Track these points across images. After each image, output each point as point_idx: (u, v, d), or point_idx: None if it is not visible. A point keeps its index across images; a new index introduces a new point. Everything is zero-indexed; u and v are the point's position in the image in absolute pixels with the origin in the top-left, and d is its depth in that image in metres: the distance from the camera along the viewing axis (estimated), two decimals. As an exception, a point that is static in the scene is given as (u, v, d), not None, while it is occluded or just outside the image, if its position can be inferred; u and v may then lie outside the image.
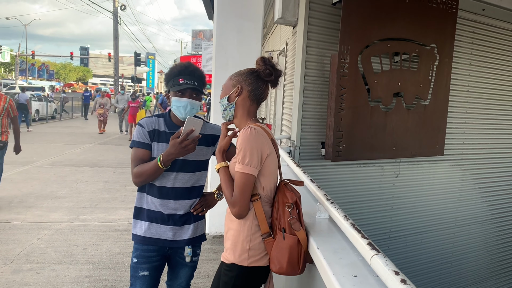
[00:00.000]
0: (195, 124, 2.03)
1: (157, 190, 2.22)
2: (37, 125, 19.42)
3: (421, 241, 5.13)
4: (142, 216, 2.28)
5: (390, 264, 1.24)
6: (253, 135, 1.73)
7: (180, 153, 2.05)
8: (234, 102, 1.90)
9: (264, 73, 1.89)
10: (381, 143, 4.41)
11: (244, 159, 1.72)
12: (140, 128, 2.21)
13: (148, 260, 2.26)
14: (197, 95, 2.20)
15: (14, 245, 4.64)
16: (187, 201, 2.26)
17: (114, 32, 27.94)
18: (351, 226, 1.61)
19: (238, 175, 1.73)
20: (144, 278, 2.25)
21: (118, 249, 4.63)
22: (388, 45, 4.31)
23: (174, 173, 2.20)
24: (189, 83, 2.15)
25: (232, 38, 4.93)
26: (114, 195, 7.03)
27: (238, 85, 1.89)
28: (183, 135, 2.01)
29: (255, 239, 1.79)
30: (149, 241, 2.25)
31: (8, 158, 10.08)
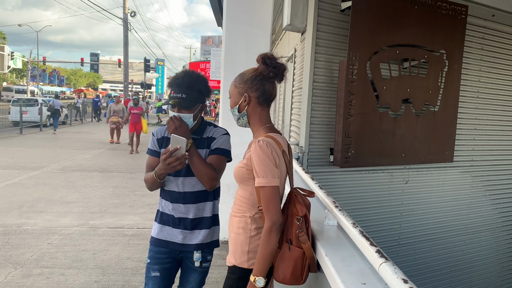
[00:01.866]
0: (179, 142, 2.06)
1: (169, 194, 2.31)
2: (48, 130, 19.62)
3: (430, 248, 5.08)
4: (158, 218, 2.39)
5: (398, 272, 1.23)
6: (263, 149, 1.73)
7: (167, 169, 2.11)
8: (245, 111, 1.89)
9: (268, 76, 1.87)
10: (390, 149, 4.39)
11: (261, 173, 1.71)
12: (152, 137, 2.38)
13: (159, 261, 2.34)
14: (186, 108, 2.19)
15: (25, 249, 4.68)
16: (197, 205, 2.31)
17: (124, 39, 28.18)
18: (360, 234, 1.61)
19: (261, 190, 1.71)
20: (155, 279, 2.33)
21: (127, 254, 4.65)
22: (397, 51, 4.30)
23: (181, 178, 2.27)
24: (176, 96, 2.18)
25: (241, 45, 4.95)
26: (123, 200, 7.06)
27: (246, 94, 1.87)
28: (168, 154, 2.07)
29: (254, 241, 1.81)
30: (160, 243, 2.34)
31: (19, 163, 10.20)
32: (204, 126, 2.35)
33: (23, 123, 18.06)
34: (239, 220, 1.86)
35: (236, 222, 1.87)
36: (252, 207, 1.84)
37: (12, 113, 19.41)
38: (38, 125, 19.63)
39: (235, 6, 4.93)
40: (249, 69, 1.94)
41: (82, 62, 42.75)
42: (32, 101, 21.86)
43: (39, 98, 23.40)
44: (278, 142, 1.82)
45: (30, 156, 11.54)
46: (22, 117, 18.42)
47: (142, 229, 5.57)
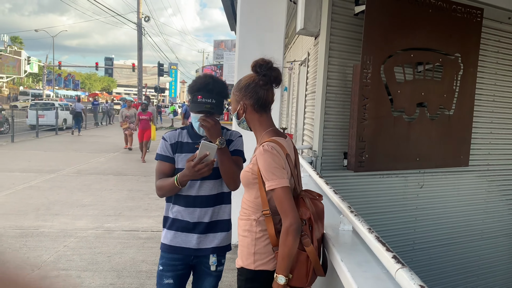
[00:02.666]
0: (209, 149, 2.06)
1: (183, 198, 2.27)
2: (63, 134, 19.89)
3: (446, 253, 5.03)
4: (169, 225, 2.32)
5: (415, 278, 1.23)
6: (267, 152, 1.74)
7: (194, 175, 2.10)
8: (243, 117, 1.93)
9: (259, 84, 1.89)
10: (405, 153, 4.37)
11: (269, 176, 1.72)
12: (163, 142, 2.30)
13: (173, 268, 2.30)
14: (219, 112, 2.21)
15: (42, 251, 4.75)
16: (212, 208, 2.29)
17: (138, 43, 28.49)
18: (376, 239, 1.61)
19: (273, 193, 1.72)
20: (168, 286, 2.29)
21: (142, 257, 4.69)
22: (411, 55, 4.29)
23: (198, 182, 2.25)
24: (206, 101, 2.16)
25: (254, 49, 4.97)
26: (138, 203, 7.13)
27: (241, 102, 1.91)
28: (197, 160, 2.06)
29: (260, 243, 1.83)
30: (175, 250, 2.29)
31: (36, 166, 10.36)
32: (221, 129, 2.34)
33: (39, 127, 18.34)
34: (245, 223, 1.88)
35: (242, 225, 1.90)
36: (257, 210, 1.85)
37: (30, 117, 19.77)
38: (54, 129, 19.92)
39: (249, 10, 4.96)
40: (245, 76, 1.95)
41: (96, 66, 43.25)
42: (49, 105, 22.24)
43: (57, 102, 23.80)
44: (282, 145, 1.82)
45: (46, 159, 11.71)
46: (39, 120, 18.76)
47: (157, 232, 5.61)
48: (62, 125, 21.44)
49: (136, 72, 30.62)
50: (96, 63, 42.63)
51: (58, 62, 47.71)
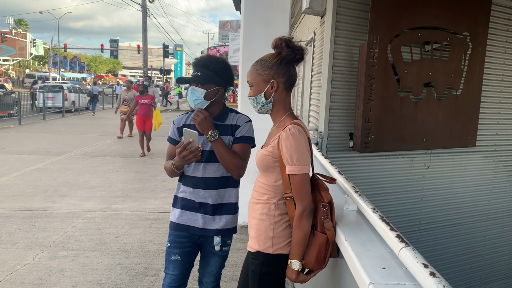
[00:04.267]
0: (191, 136, 2.10)
1: (189, 179, 2.34)
2: (70, 116, 19.98)
3: (451, 234, 5.04)
4: (177, 204, 2.41)
5: (419, 256, 1.23)
6: (296, 136, 1.72)
7: (183, 162, 2.18)
8: (272, 98, 1.86)
9: (294, 59, 1.84)
10: (411, 134, 4.34)
11: (293, 161, 1.72)
12: (172, 125, 2.41)
13: (180, 245, 2.37)
14: (200, 83, 2.23)
15: (50, 232, 4.82)
16: (218, 191, 2.33)
17: (143, 24, 28.27)
18: (380, 219, 1.61)
19: (294, 178, 1.73)
20: (176, 262, 2.37)
21: (149, 237, 4.75)
22: (419, 34, 4.22)
23: (202, 164, 2.29)
24: (192, 74, 2.27)
25: (259, 29, 4.92)
26: (145, 185, 7.19)
27: (273, 80, 1.84)
28: (182, 147, 2.13)
29: (278, 227, 1.82)
30: (181, 228, 2.37)
31: (43, 148, 10.45)
32: (226, 112, 2.34)
33: (47, 109, 18.42)
34: (262, 206, 1.86)
35: (259, 209, 1.87)
36: (276, 193, 1.84)
37: (39, 99, 19.89)
38: (60, 111, 20.00)
39: (254, -11, 4.89)
40: (268, 55, 1.90)
41: (102, 48, 43.15)
42: (57, 87, 22.32)
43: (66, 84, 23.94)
44: (305, 129, 1.83)
45: (53, 141, 11.80)
46: (48, 103, 18.86)
47: (163, 213, 5.67)
48: (70, 108, 21.54)
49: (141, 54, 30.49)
50: (101, 45, 42.53)
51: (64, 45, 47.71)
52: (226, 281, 3.77)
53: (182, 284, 2.43)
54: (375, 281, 1.28)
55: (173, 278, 2.39)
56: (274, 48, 1.87)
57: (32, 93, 21.92)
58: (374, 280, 1.29)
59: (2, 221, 5.12)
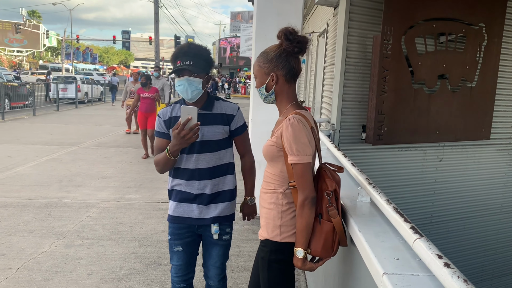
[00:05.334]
0: (190, 112, 2.04)
1: (182, 172, 2.31)
2: (83, 107, 20.16)
3: (464, 227, 5.02)
4: (172, 197, 2.39)
5: (433, 248, 1.25)
6: (294, 126, 1.75)
7: (181, 143, 2.10)
8: (273, 90, 1.90)
9: (293, 51, 1.86)
10: (424, 126, 4.32)
11: (293, 150, 1.75)
12: (158, 118, 2.33)
13: (180, 236, 2.39)
14: (195, 73, 2.19)
15: (66, 221, 4.91)
16: (212, 180, 2.32)
17: (155, 16, 28.29)
18: (394, 210, 1.62)
19: (295, 167, 1.76)
20: (179, 253, 2.40)
21: (162, 227, 4.82)
22: (433, 25, 4.18)
23: (195, 155, 2.27)
24: (184, 64, 2.17)
25: (272, 21, 4.91)
26: (158, 176, 7.24)
27: (273, 73, 1.87)
28: (181, 126, 2.05)
29: (286, 216, 1.86)
30: (178, 220, 2.37)
31: (57, 139, 10.58)
32: (211, 100, 2.32)
33: (60, 100, 18.62)
34: (271, 196, 1.90)
35: (267, 198, 1.91)
36: (283, 183, 1.87)
37: (52, 90, 20.11)
38: (74, 102, 20.20)
39: (267, -19, 4.87)
40: (271, 47, 1.92)
41: (114, 39, 43.24)
42: (70, 78, 22.54)
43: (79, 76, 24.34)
44: (307, 118, 1.84)
45: (67, 132, 11.94)
46: (61, 94, 19.06)
47: (176, 203, 5.73)
48: (83, 99, 21.74)
49: (153, 45, 30.56)
50: (114, 36, 42.60)
51: (76, 36, 47.92)
52: (239, 271, 3.81)
53: (188, 272, 2.46)
54: (389, 272, 1.30)
55: (179, 268, 2.42)
56: (278, 38, 1.89)
57: (46, 84, 22.16)
58: (388, 270, 1.31)
59: (19, 210, 5.23)
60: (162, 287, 3.49)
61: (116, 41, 44.91)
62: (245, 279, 3.68)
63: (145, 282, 3.57)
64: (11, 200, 5.60)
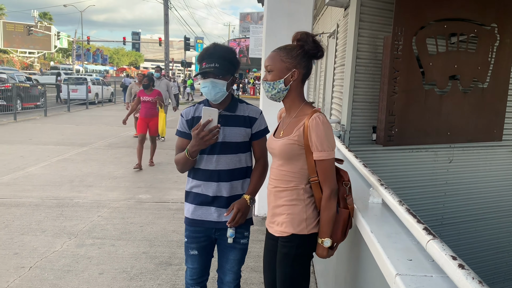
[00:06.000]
0: (211, 114, 2.05)
1: (202, 173, 2.30)
2: (94, 108, 20.32)
3: (475, 229, 4.98)
4: (190, 199, 2.38)
5: (447, 249, 1.24)
6: (325, 123, 1.85)
7: (200, 144, 2.10)
8: (289, 85, 1.94)
9: (316, 55, 1.94)
10: (435, 127, 4.29)
11: (328, 147, 1.84)
12: (180, 118, 2.34)
13: (196, 240, 2.37)
14: (220, 75, 2.18)
15: (77, 221, 4.96)
16: (231, 183, 2.30)
17: (165, 17, 28.44)
18: (406, 211, 1.62)
19: (322, 163, 1.85)
20: (194, 257, 2.39)
21: (172, 227, 4.84)
22: (445, 25, 4.15)
23: (215, 156, 2.26)
24: (209, 66, 2.16)
25: (282, 22, 4.91)
26: (167, 176, 7.29)
27: (295, 70, 1.92)
28: (201, 127, 2.06)
29: (309, 209, 1.94)
30: (196, 223, 2.35)
31: (69, 139, 10.68)
32: (235, 102, 2.32)
33: (71, 101, 18.79)
34: (291, 193, 1.94)
35: (286, 195, 1.95)
36: (302, 179, 1.93)
37: (64, 91, 20.32)
38: (84, 103, 20.37)
39: (277, -18, 4.88)
40: (291, 45, 1.96)
41: (124, 41, 43.57)
42: (81, 79, 22.76)
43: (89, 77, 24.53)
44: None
45: (78, 132, 12.05)
46: (72, 95, 19.25)
47: (186, 204, 5.75)
48: (94, 99, 21.92)
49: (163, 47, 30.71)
50: (124, 37, 42.92)
51: (87, 37, 48.31)
52: (248, 271, 3.82)
53: (203, 275, 2.44)
54: (401, 273, 1.29)
55: (194, 271, 2.41)
56: (296, 41, 1.94)
57: (57, 85, 22.38)
58: (400, 271, 1.30)
59: (31, 210, 5.29)
60: (173, 286, 3.51)
61: (126, 42, 45.22)
62: (255, 280, 3.69)
63: (155, 281, 3.59)
64: (24, 200, 5.67)
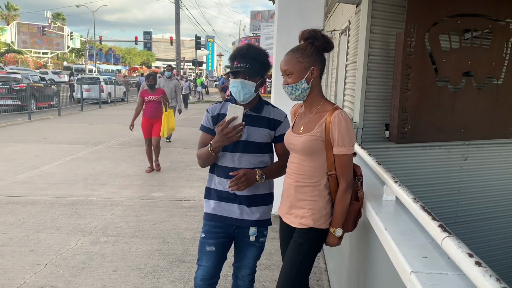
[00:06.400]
0: (236, 111, 2.07)
1: (224, 170, 2.30)
2: (107, 107, 20.50)
3: (490, 227, 4.92)
4: (211, 195, 2.39)
5: (463, 246, 1.23)
6: (347, 120, 1.90)
7: (224, 140, 2.11)
8: (311, 83, 1.98)
9: (328, 48, 2.00)
10: (449, 124, 4.25)
11: (349, 142, 1.90)
12: (206, 113, 2.37)
13: (215, 235, 2.36)
14: (250, 76, 2.19)
15: (91, 219, 5.02)
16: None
17: (176, 16, 28.56)
18: (421, 208, 1.61)
19: (342, 157, 1.92)
20: (210, 254, 2.36)
21: (185, 225, 4.87)
22: (458, 21, 4.10)
23: (238, 154, 2.27)
24: (240, 66, 2.17)
25: (294, 19, 4.90)
26: (180, 174, 7.33)
27: (313, 67, 1.96)
28: (225, 123, 2.08)
29: (327, 205, 2.02)
30: (217, 218, 2.35)
31: (82, 138, 10.80)
32: (261, 103, 2.34)
33: (84, 100, 18.98)
34: (313, 189, 2.00)
35: (308, 191, 2.00)
36: (323, 175, 1.99)
37: (77, 90, 20.55)
38: (97, 102, 20.56)
39: (288, -21, 4.87)
40: (302, 45, 1.99)
41: (136, 40, 43.91)
42: (94, 79, 22.98)
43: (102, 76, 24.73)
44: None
45: (91, 132, 12.17)
46: (85, 94, 19.46)
47: (198, 201, 5.78)
48: (107, 99, 22.12)
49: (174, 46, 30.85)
50: (135, 37, 43.26)
51: (99, 37, 48.74)
52: (261, 269, 3.82)
53: (215, 276, 2.41)
54: (416, 270, 1.29)
55: (207, 270, 2.36)
56: (305, 39, 1.99)
57: (71, 85, 22.64)
58: (415, 269, 1.30)
59: (46, 208, 5.36)
60: (186, 283, 3.54)
61: (138, 42, 45.54)
62: (267, 277, 3.70)
63: (169, 279, 3.62)
64: (39, 198, 5.75)
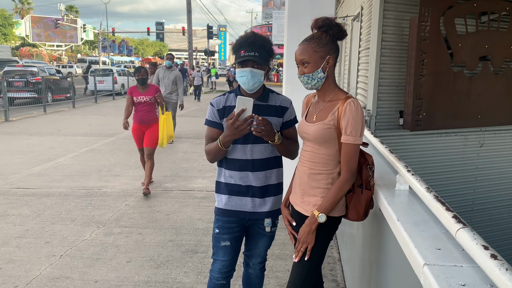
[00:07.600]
0: (246, 103, 2.02)
1: (235, 163, 2.27)
2: (120, 99, 20.64)
3: (508, 215, 4.83)
4: (222, 189, 2.35)
5: (478, 238, 1.19)
6: (358, 109, 1.86)
7: (234, 134, 2.07)
8: (326, 72, 1.95)
9: (342, 36, 1.96)
10: (465, 111, 4.15)
11: (357, 132, 1.85)
12: (210, 107, 2.29)
13: (229, 231, 2.34)
14: (259, 65, 2.15)
15: (105, 210, 5.05)
16: (265, 172, 2.29)
17: (187, 6, 28.46)
18: (435, 198, 1.56)
19: (349, 146, 1.87)
20: (225, 248, 2.35)
21: (198, 215, 4.88)
22: (474, 4, 3.99)
23: (249, 145, 2.23)
24: (249, 54, 2.12)
25: (305, 6, 4.81)
26: (193, 165, 7.35)
27: (329, 56, 1.92)
28: (235, 116, 2.02)
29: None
30: (230, 213, 2.33)
31: (96, 130, 10.88)
32: (267, 92, 2.30)
33: (98, 92, 19.12)
34: (326, 176, 1.98)
35: (322, 179, 1.98)
36: (336, 163, 1.97)
37: (90, 82, 20.70)
38: (111, 94, 20.70)
39: (299, -35, 4.77)
40: (316, 34, 1.95)
41: (148, 31, 43.93)
42: (107, 71, 23.11)
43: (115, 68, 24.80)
44: None
45: (105, 123, 12.26)
46: (99, 86, 19.59)
47: (211, 192, 5.78)
48: (120, 90, 22.25)
49: (186, 36, 30.80)
50: (148, 28, 43.31)
51: (112, 29, 48.89)
52: (274, 259, 3.81)
53: (231, 269, 2.42)
54: (430, 262, 1.24)
55: (223, 264, 2.36)
56: (317, 28, 1.95)
57: (85, 77, 22.78)
58: (428, 261, 1.25)
59: (61, 199, 5.42)
60: (199, 274, 3.54)
61: (150, 32, 45.58)
62: (280, 267, 3.68)
63: (182, 269, 3.62)
64: (54, 190, 5.81)
